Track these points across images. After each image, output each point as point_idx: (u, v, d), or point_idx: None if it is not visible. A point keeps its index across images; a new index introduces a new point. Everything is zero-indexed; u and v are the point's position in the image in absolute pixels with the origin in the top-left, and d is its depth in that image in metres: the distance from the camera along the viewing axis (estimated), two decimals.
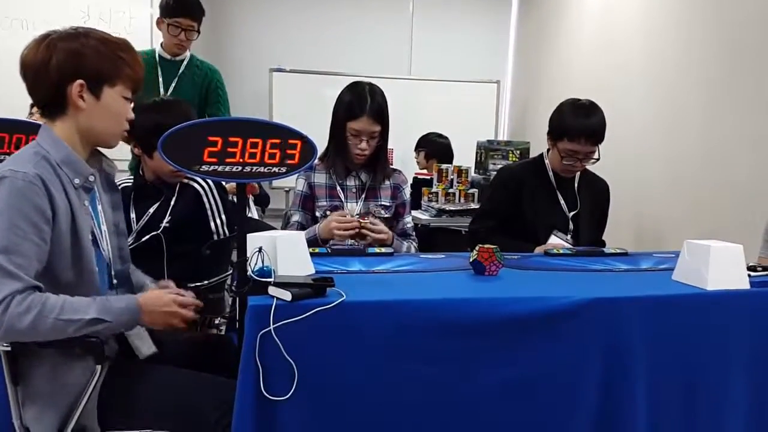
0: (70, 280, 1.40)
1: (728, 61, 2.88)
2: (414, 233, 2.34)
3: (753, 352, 1.59)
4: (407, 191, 2.33)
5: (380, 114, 2.13)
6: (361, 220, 2.05)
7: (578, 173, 2.45)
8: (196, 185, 2.18)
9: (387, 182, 2.27)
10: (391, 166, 2.33)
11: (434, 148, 4.36)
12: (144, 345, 1.54)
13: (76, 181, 1.44)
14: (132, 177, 2.26)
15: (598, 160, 2.36)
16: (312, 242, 2.05)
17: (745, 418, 1.61)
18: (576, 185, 2.47)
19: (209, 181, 2.20)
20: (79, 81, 1.40)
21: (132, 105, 1.52)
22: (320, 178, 2.22)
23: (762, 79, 2.66)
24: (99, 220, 1.53)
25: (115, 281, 1.56)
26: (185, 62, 3.16)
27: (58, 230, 1.37)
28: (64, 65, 1.39)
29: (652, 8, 3.58)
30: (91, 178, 1.48)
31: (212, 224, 2.19)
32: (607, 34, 4.11)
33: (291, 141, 1.41)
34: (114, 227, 1.59)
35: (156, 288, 1.63)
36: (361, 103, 2.11)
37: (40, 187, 1.34)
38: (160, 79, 3.10)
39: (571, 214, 2.43)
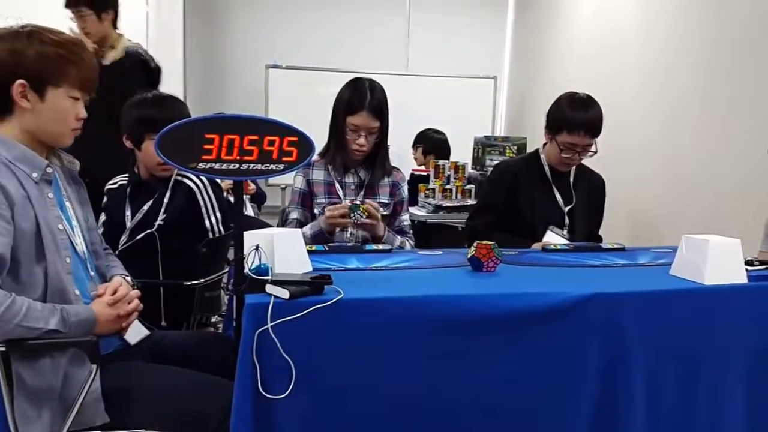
0: (33, 277, 1.38)
1: (725, 55, 2.87)
2: (411, 231, 2.34)
3: (750, 346, 1.60)
4: (405, 189, 2.33)
5: (379, 110, 2.12)
6: (351, 203, 2.05)
7: (574, 168, 2.45)
8: (189, 182, 2.16)
9: (385, 180, 2.26)
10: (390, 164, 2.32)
11: (431, 143, 4.36)
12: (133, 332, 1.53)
13: (34, 174, 1.43)
14: (127, 174, 2.24)
15: (595, 153, 2.36)
16: (318, 235, 2.05)
17: (742, 412, 1.61)
18: (572, 180, 2.47)
19: (203, 178, 2.18)
20: (20, 81, 1.39)
21: (83, 104, 1.49)
22: (318, 175, 2.21)
23: (759, 73, 2.65)
24: (68, 216, 1.52)
25: (92, 273, 1.55)
26: None
27: (18, 223, 1.36)
28: (3, 65, 1.38)
29: (650, 3, 3.57)
30: (49, 170, 1.46)
31: (207, 222, 2.16)
32: (603, 30, 4.10)
33: (289, 138, 1.40)
34: (84, 223, 1.57)
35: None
36: (361, 98, 2.10)
37: None
38: None
39: (567, 208, 2.43)
